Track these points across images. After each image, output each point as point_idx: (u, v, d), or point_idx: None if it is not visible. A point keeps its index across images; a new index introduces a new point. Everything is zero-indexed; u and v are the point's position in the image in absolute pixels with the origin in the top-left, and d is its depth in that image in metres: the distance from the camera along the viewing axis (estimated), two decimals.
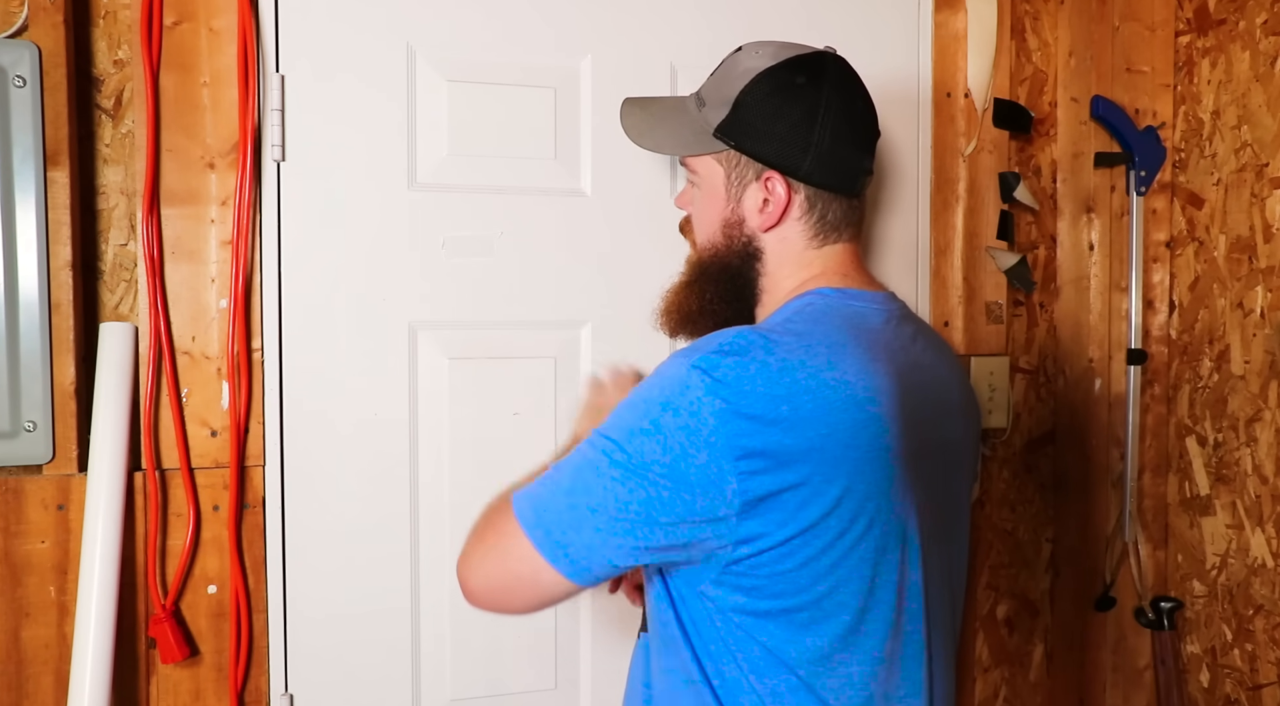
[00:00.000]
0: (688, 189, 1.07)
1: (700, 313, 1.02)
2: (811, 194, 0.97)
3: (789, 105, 0.95)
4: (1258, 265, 1.58)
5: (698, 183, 1.03)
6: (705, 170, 1.01)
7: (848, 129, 0.97)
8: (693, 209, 1.06)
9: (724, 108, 0.98)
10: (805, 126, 0.95)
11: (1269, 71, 1.55)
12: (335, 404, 1.31)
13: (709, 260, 1.02)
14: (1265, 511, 1.57)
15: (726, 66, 1.01)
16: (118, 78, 1.27)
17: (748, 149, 0.97)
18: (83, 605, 1.17)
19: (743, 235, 1.00)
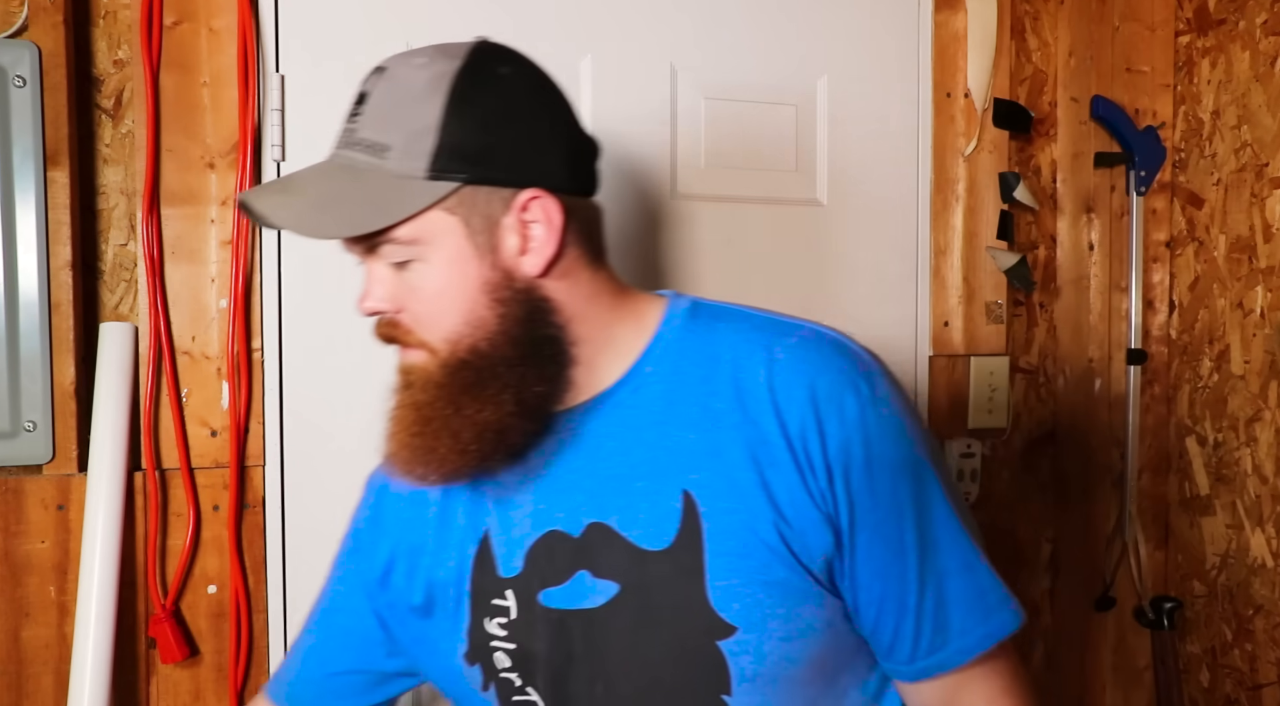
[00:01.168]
0: (390, 278, 0.77)
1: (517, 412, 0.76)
2: (573, 204, 0.77)
3: (514, 102, 0.75)
4: (1258, 265, 1.58)
5: (422, 255, 0.74)
6: (431, 232, 0.73)
7: (572, 114, 0.80)
8: (416, 297, 0.76)
9: (424, 138, 0.73)
10: (543, 121, 0.76)
11: (1269, 71, 1.55)
12: (335, 404, 1.31)
13: (486, 344, 0.75)
14: (1265, 511, 1.57)
15: (386, 93, 0.75)
16: (118, 78, 1.27)
17: (488, 175, 0.73)
18: (83, 605, 1.17)
19: (515, 292, 0.75)
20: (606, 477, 0.78)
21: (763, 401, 0.75)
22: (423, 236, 0.74)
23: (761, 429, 0.74)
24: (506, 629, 0.81)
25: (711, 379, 0.77)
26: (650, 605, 0.76)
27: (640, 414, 0.78)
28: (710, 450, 0.75)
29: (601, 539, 0.78)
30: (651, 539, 0.76)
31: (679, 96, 1.45)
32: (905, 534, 0.75)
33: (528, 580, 0.80)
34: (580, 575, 0.78)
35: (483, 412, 0.74)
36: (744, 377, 0.76)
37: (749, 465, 0.74)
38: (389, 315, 0.78)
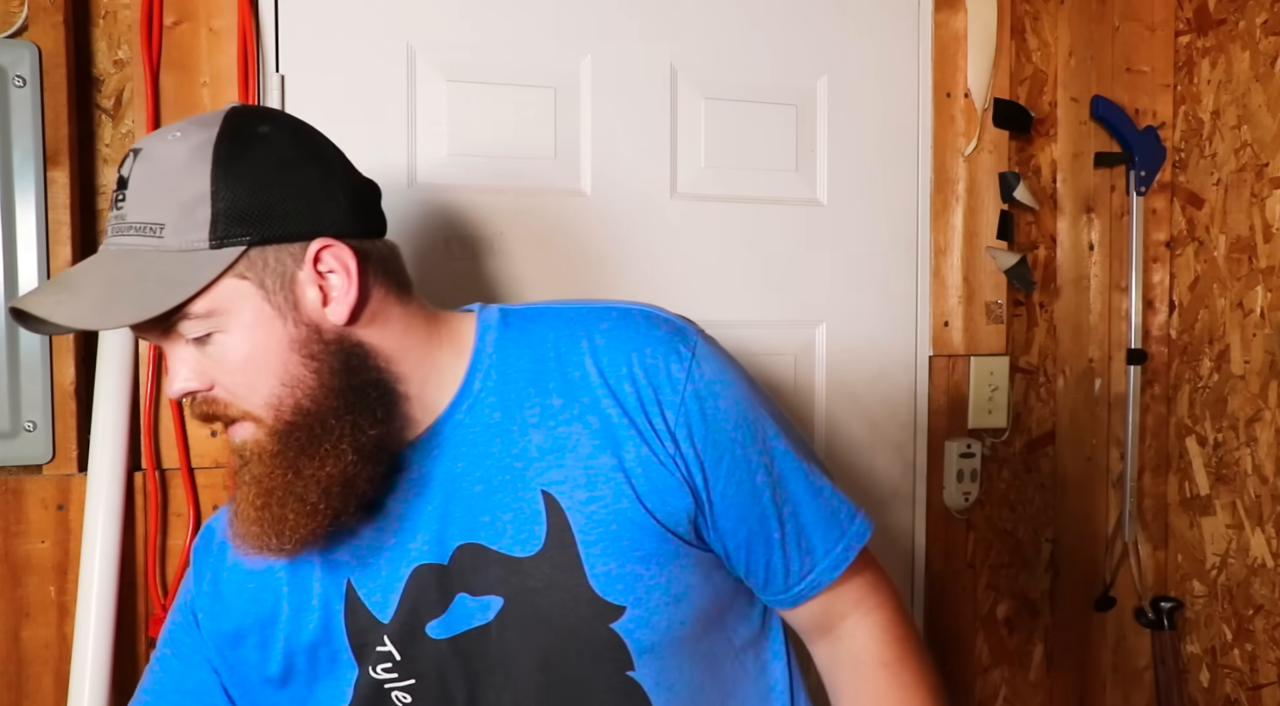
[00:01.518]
0: (193, 356, 0.74)
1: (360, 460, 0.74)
2: (367, 248, 0.77)
3: (281, 157, 0.74)
4: (1258, 265, 1.58)
5: (222, 326, 0.72)
6: (226, 300, 0.72)
7: (341, 159, 0.80)
8: (224, 369, 0.74)
9: (199, 209, 0.71)
10: (317, 172, 0.76)
11: (1269, 71, 1.55)
12: None
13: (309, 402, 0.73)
14: (1265, 511, 1.57)
15: (146, 172, 0.72)
16: (118, 78, 1.27)
17: (272, 233, 0.72)
18: (83, 605, 1.17)
19: (326, 344, 0.74)
20: (464, 499, 0.79)
21: (594, 386, 0.78)
22: (219, 307, 0.72)
23: (600, 412, 0.77)
24: (396, 671, 0.81)
25: (540, 378, 0.79)
26: (537, 607, 0.78)
27: (481, 430, 0.79)
28: (557, 446, 0.78)
29: (472, 559, 0.79)
30: (523, 545, 0.78)
31: (679, 96, 1.45)
32: (755, 476, 0.80)
33: (407, 618, 0.80)
34: (459, 598, 0.79)
35: (324, 468, 0.73)
36: (570, 369, 0.79)
37: (598, 450, 0.77)
38: (202, 393, 0.75)
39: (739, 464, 0.79)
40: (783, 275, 1.50)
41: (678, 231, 1.45)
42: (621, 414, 0.77)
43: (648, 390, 0.77)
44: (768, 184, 1.49)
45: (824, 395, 1.54)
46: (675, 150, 1.45)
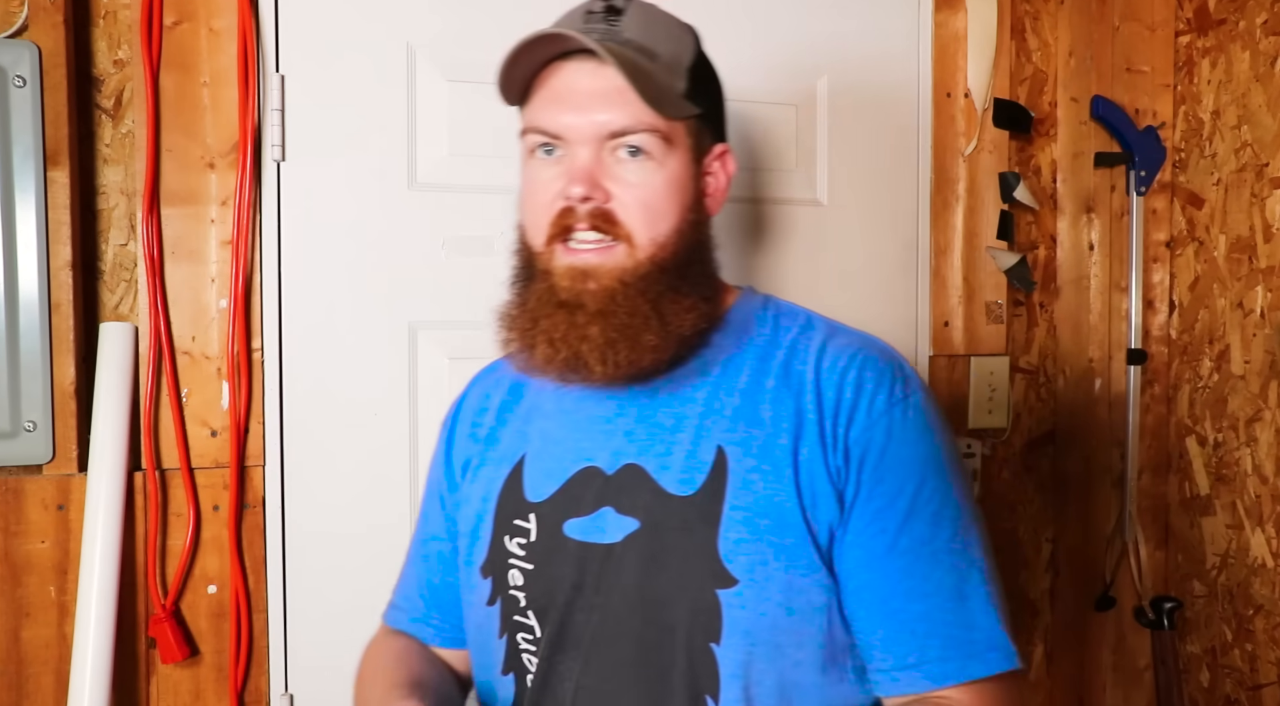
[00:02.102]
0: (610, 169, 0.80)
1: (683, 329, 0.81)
2: None
3: (715, 72, 0.88)
4: (1258, 265, 1.58)
5: (660, 156, 0.80)
6: (677, 139, 0.81)
7: None
8: (637, 193, 0.80)
9: (681, 65, 0.83)
10: (720, 90, 0.88)
11: (1269, 71, 1.55)
12: (335, 404, 1.31)
13: (681, 261, 0.82)
14: (1265, 511, 1.57)
15: (641, 13, 0.83)
16: (118, 78, 1.27)
17: (710, 118, 0.86)
18: (83, 605, 1.17)
19: (700, 222, 0.85)
20: (654, 426, 0.84)
21: (807, 381, 0.81)
22: (674, 140, 0.81)
23: (800, 405, 0.80)
24: (525, 549, 0.85)
25: (766, 358, 0.84)
26: (663, 545, 0.80)
27: (698, 376, 0.84)
28: (751, 418, 0.81)
29: (632, 479, 0.82)
30: (679, 485, 0.81)
31: None
32: (900, 535, 0.78)
33: (555, 508, 0.85)
34: (605, 510, 0.82)
35: (679, 317, 0.81)
36: (794, 362, 0.83)
37: (783, 434, 0.80)
38: (596, 203, 0.80)
39: (889, 511, 0.78)
40: (783, 275, 1.50)
41: None
42: (816, 412, 0.80)
43: (849, 402, 0.80)
44: (767, 184, 1.49)
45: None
46: None
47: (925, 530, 0.78)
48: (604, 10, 0.82)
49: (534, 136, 0.83)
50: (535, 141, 0.83)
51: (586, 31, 0.80)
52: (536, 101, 0.83)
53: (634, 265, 0.80)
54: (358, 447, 1.32)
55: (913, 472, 0.79)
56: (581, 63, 0.80)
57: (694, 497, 0.80)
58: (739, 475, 0.79)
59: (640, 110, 0.78)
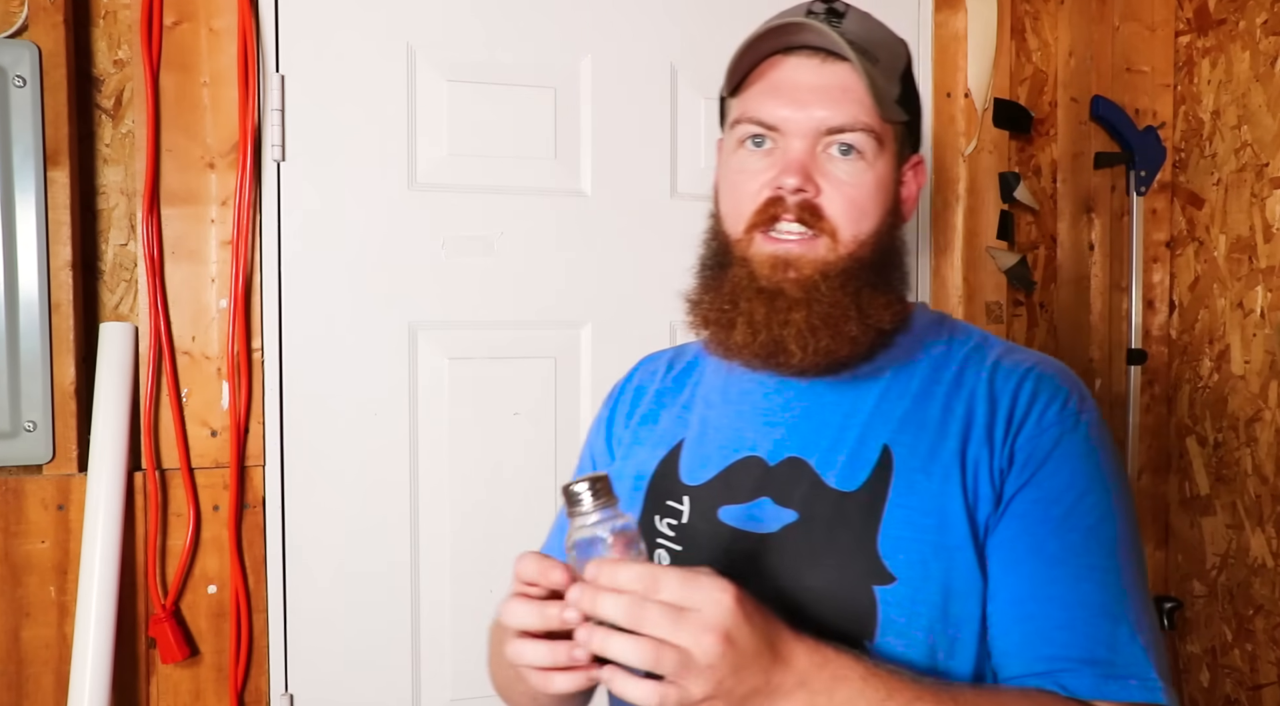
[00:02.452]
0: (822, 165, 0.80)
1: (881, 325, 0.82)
2: None
3: (914, 78, 0.87)
4: (1258, 265, 1.58)
5: (871, 156, 0.80)
6: (889, 142, 0.81)
7: None
8: (844, 190, 0.80)
9: (895, 72, 0.83)
10: (919, 101, 0.88)
11: (1269, 71, 1.55)
12: (335, 404, 1.31)
13: (877, 259, 0.82)
14: (1265, 511, 1.57)
15: (861, 18, 0.82)
16: (118, 78, 1.27)
17: (913, 128, 0.85)
18: (83, 605, 1.17)
19: (896, 226, 0.84)
20: (821, 422, 0.84)
21: (979, 392, 0.81)
22: (884, 142, 0.81)
23: (971, 411, 0.80)
24: (675, 530, 0.85)
25: (940, 368, 0.84)
26: (821, 539, 0.79)
27: (871, 378, 0.84)
28: (920, 421, 0.81)
29: (793, 471, 0.82)
30: (842, 481, 0.80)
31: (679, 96, 1.45)
32: (1051, 540, 0.76)
33: (712, 492, 0.84)
34: (763, 500, 0.82)
35: (877, 312, 0.81)
36: (967, 373, 0.83)
37: (951, 437, 0.79)
38: (807, 196, 0.80)
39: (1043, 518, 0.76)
40: None
41: (678, 231, 1.45)
42: (987, 416, 0.79)
43: (1021, 411, 0.79)
44: None
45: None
46: (675, 150, 1.45)
47: (1079, 541, 0.76)
48: (825, 12, 0.82)
49: (747, 126, 0.82)
50: (747, 132, 0.82)
51: (820, 19, 0.81)
52: (753, 92, 0.83)
53: (835, 259, 0.80)
54: (358, 447, 1.32)
55: (1074, 484, 0.77)
56: (805, 58, 0.81)
57: (857, 493, 0.79)
58: (904, 474, 0.79)
59: (860, 110, 0.79)
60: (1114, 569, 0.76)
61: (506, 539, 1.38)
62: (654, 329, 1.43)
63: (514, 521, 1.38)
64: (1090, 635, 0.74)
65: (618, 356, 1.41)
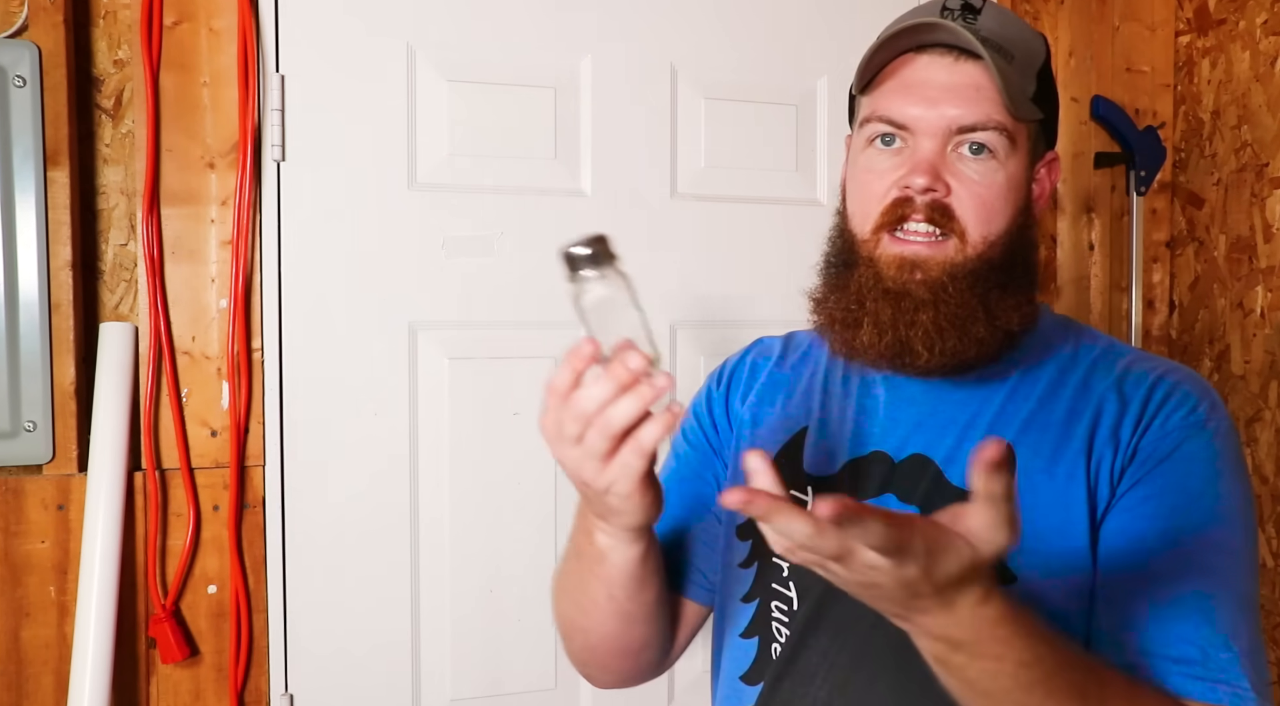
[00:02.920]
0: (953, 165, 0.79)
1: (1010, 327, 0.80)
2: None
3: (1052, 74, 0.85)
4: (1258, 265, 1.58)
5: (1003, 154, 0.79)
6: (1021, 141, 0.80)
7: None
8: (975, 189, 0.79)
9: (1031, 69, 0.81)
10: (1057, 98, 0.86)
11: (1269, 71, 1.55)
12: (335, 404, 1.31)
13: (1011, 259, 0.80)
14: (1265, 511, 1.57)
15: (998, 13, 0.81)
16: (118, 78, 1.27)
17: (1048, 124, 0.84)
18: (83, 605, 1.17)
19: (1027, 223, 0.83)
20: (947, 421, 0.83)
21: (1107, 396, 0.80)
22: (1017, 141, 0.79)
23: (1098, 413, 0.79)
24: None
25: (1066, 371, 0.83)
26: None
27: (998, 379, 0.83)
28: (1044, 423, 0.80)
29: (917, 469, 0.82)
30: (965, 479, 0.77)
31: (679, 96, 1.45)
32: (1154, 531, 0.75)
33: (837, 485, 0.84)
34: (887, 496, 0.82)
35: (1006, 314, 0.79)
36: (1095, 378, 0.81)
37: (1076, 439, 0.78)
38: (937, 196, 0.79)
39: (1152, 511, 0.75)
40: (783, 275, 1.50)
41: (678, 231, 1.45)
42: (1114, 418, 0.78)
43: (1149, 415, 0.78)
44: (768, 184, 1.49)
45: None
46: (675, 150, 1.45)
47: (1186, 540, 0.74)
48: (961, 8, 0.80)
49: (876, 125, 0.81)
50: (877, 131, 0.81)
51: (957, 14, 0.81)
52: (884, 91, 0.81)
53: (963, 260, 0.79)
54: (358, 448, 1.32)
55: (1188, 486, 0.75)
56: (937, 56, 0.80)
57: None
58: (1026, 475, 0.75)
59: (992, 108, 0.78)
60: (1220, 572, 0.74)
61: (506, 539, 1.38)
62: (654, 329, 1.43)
63: (514, 521, 1.38)
64: (1184, 635, 0.72)
65: None
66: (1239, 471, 0.78)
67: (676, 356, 1.45)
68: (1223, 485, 0.76)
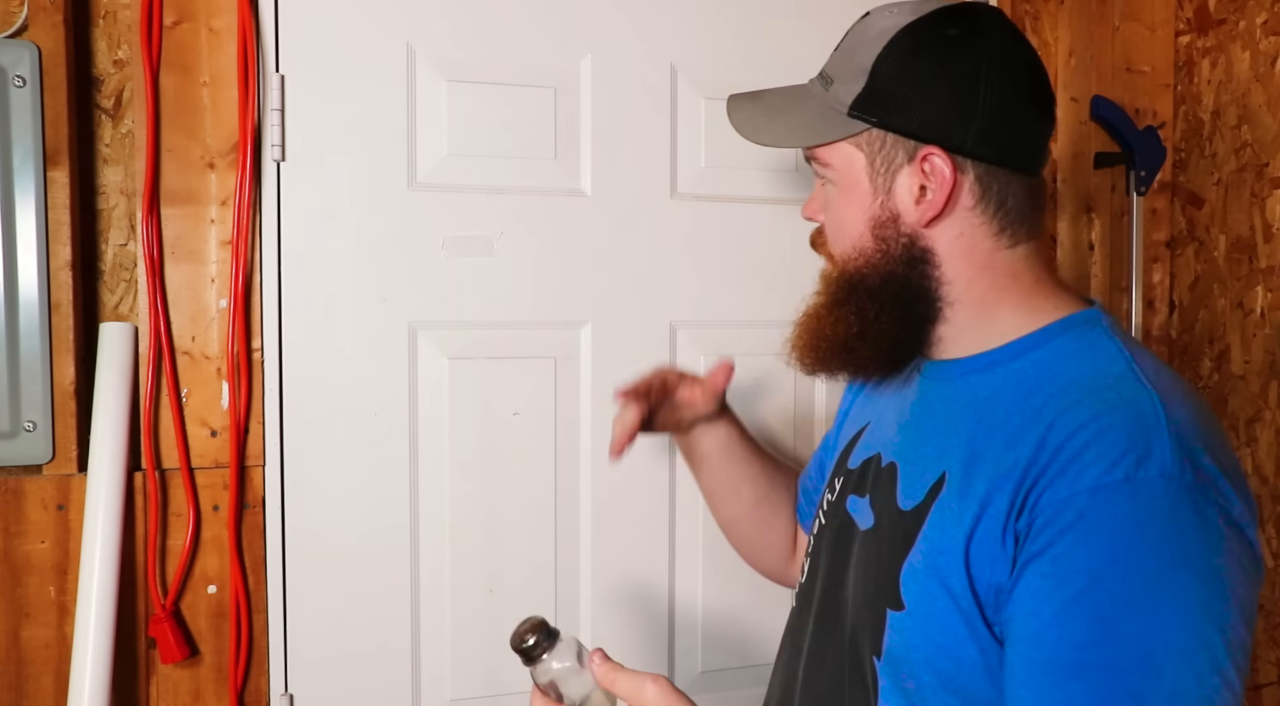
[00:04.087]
0: (817, 193, 0.88)
1: (861, 337, 0.81)
2: (983, 173, 0.78)
3: (942, 63, 0.77)
4: (1258, 265, 1.58)
5: (832, 179, 0.83)
6: (840, 160, 0.81)
7: (1018, 87, 0.78)
8: (828, 214, 0.85)
9: (858, 79, 0.79)
10: (966, 87, 0.76)
11: (1269, 71, 1.55)
12: (335, 404, 1.31)
13: (863, 271, 0.81)
14: (1265, 511, 1.57)
15: (855, 34, 0.82)
16: (118, 78, 1.27)
17: (894, 124, 0.78)
18: (83, 605, 1.17)
19: (900, 235, 0.80)
20: (915, 433, 0.84)
21: (1038, 433, 0.71)
22: (834, 162, 0.82)
23: (1018, 455, 0.71)
24: (828, 506, 0.94)
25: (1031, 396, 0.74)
26: (876, 550, 0.82)
27: (969, 396, 0.80)
28: (977, 453, 0.75)
29: (886, 478, 0.85)
30: (906, 498, 0.81)
31: (679, 96, 1.45)
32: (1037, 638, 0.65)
33: (849, 480, 0.91)
34: (869, 498, 0.87)
35: (836, 328, 0.83)
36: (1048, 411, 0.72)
37: (987, 480, 0.72)
38: (817, 223, 0.89)
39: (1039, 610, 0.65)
40: (785, 275, 1.50)
41: (678, 231, 1.45)
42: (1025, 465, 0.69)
43: (1056, 467, 0.67)
44: (769, 184, 1.49)
45: (823, 394, 1.54)
46: (675, 150, 1.45)
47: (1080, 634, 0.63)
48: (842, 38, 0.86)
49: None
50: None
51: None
52: None
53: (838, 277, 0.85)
54: (358, 447, 1.32)
55: (1090, 565, 0.63)
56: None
57: (907, 514, 0.78)
58: (942, 506, 0.74)
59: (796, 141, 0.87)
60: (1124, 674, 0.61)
61: (506, 539, 1.38)
62: (654, 329, 1.43)
63: (514, 521, 1.39)
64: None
65: (618, 356, 1.41)
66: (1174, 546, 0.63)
67: (677, 356, 1.45)
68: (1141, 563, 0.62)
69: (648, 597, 1.44)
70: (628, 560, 1.43)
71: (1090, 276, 1.72)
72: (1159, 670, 0.61)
